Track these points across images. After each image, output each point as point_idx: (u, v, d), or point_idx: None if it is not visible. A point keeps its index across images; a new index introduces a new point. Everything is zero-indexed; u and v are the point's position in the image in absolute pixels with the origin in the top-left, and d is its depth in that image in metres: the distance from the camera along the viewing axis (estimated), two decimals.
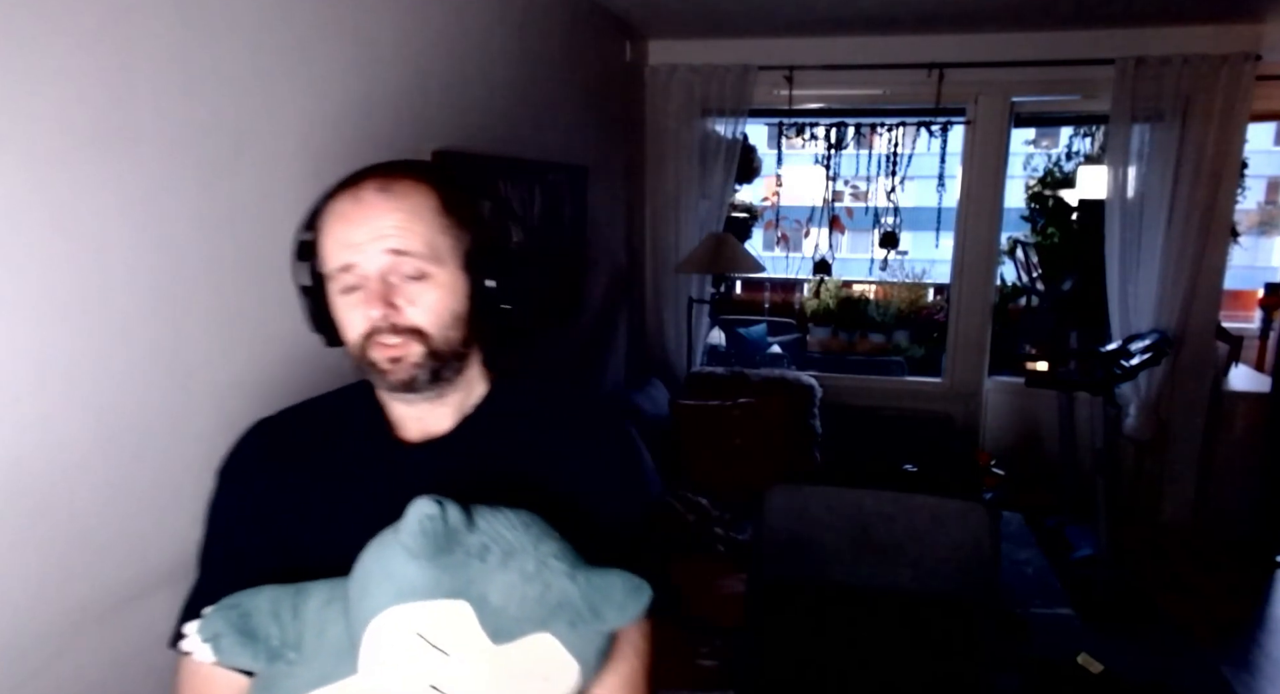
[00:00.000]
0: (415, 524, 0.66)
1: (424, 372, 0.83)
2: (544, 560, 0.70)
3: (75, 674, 1.24)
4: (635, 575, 0.71)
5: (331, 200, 0.84)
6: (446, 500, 0.68)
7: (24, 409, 1.13)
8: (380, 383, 0.84)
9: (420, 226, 0.81)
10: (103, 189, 1.21)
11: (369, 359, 0.83)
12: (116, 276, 1.25)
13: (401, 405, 0.89)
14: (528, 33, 2.71)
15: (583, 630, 0.71)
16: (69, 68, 1.15)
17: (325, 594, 0.76)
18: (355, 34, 1.80)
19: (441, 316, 0.83)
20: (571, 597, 0.70)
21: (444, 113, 2.20)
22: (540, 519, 0.74)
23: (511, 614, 0.68)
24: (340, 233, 0.81)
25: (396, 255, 0.80)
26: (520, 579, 0.69)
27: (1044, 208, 5.53)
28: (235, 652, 0.73)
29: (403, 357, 0.82)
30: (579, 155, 3.19)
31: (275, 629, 0.74)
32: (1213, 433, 3.82)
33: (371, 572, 0.70)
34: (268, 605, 0.75)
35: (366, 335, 0.82)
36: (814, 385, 3.80)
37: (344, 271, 0.81)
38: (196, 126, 1.38)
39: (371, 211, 0.81)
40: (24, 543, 1.14)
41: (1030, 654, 2.24)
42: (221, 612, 0.75)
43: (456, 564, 0.68)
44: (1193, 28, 3.49)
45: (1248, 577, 3.48)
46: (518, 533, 0.71)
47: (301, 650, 0.74)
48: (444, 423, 0.89)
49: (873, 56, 3.81)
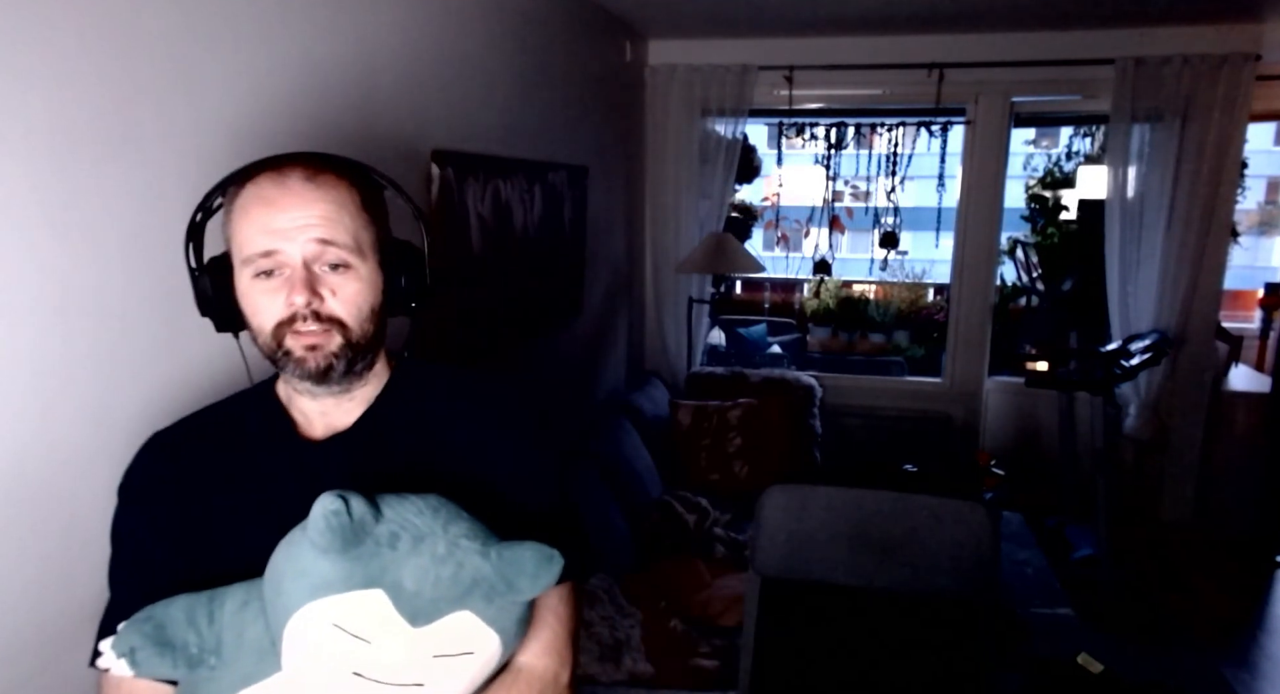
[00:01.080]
0: (321, 520, 0.68)
1: (341, 362, 0.83)
2: (455, 541, 0.72)
3: (75, 674, 1.24)
4: (545, 545, 0.72)
5: (249, 183, 0.83)
6: (350, 493, 0.69)
7: (24, 409, 1.13)
8: (293, 372, 0.83)
9: (346, 218, 0.82)
10: (103, 189, 1.21)
11: (283, 347, 0.82)
12: (115, 277, 1.25)
13: (306, 401, 0.88)
14: (528, 33, 2.71)
15: (499, 603, 0.73)
16: (69, 68, 1.15)
17: (241, 597, 0.77)
18: (355, 34, 1.80)
19: (361, 309, 0.84)
20: (485, 573, 0.71)
21: (444, 113, 2.20)
22: (449, 502, 0.75)
23: (427, 596, 0.70)
24: (263, 218, 0.80)
25: (322, 245, 0.80)
26: (432, 562, 0.70)
27: (1044, 208, 5.53)
28: (153, 663, 0.75)
29: (321, 345, 0.82)
30: (579, 155, 3.19)
31: (193, 636, 0.75)
32: (1213, 433, 3.82)
33: (284, 570, 0.72)
34: (182, 614, 0.76)
35: (284, 322, 0.81)
36: (814, 385, 3.80)
37: (264, 257, 0.80)
38: (196, 126, 1.38)
39: (299, 199, 0.80)
40: (24, 543, 1.14)
41: (1030, 654, 2.24)
42: (135, 625, 0.76)
43: (367, 554, 0.69)
44: (1193, 28, 3.50)
45: (1248, 577, 3.48)
46: (426, 517, 0.72)
47: (221, 654, 0.76)
48: (349, 416, 0.89)
49: (873, 56, 3.82)
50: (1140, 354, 3.31)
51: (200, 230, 0.89)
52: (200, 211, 0.89)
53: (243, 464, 0.88)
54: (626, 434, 3.15)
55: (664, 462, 3.34)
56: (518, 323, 2.73)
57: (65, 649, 1.21)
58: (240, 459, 0.88)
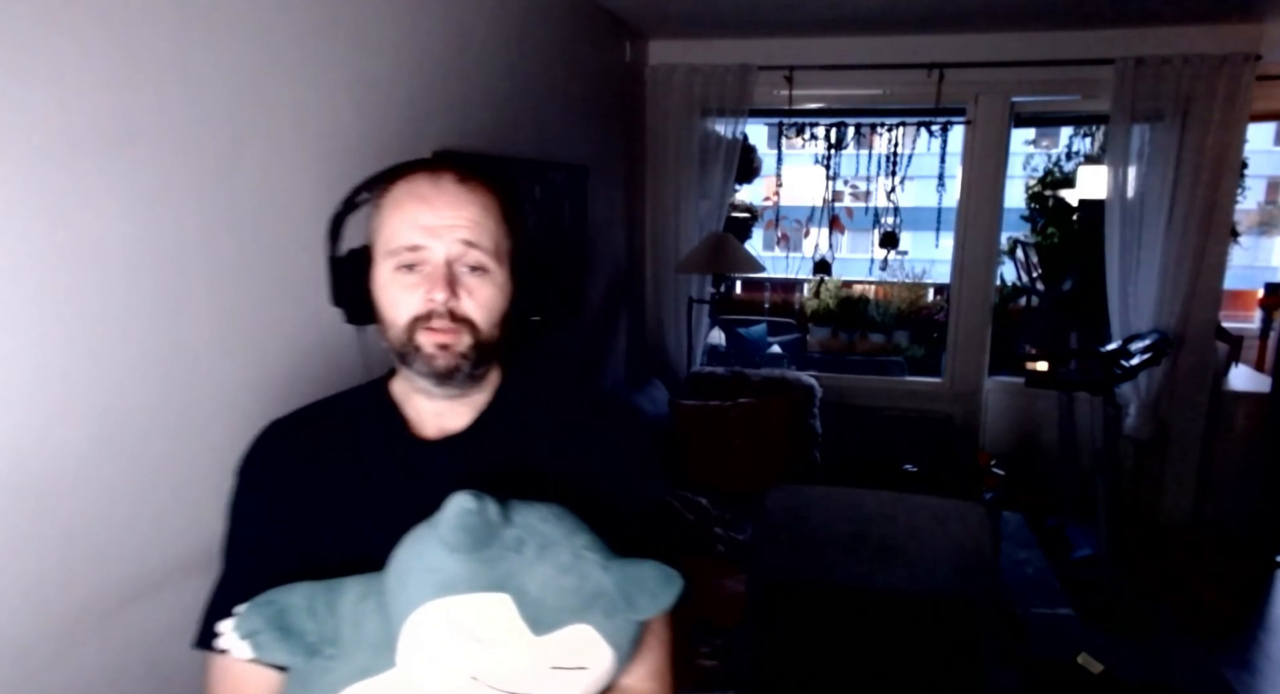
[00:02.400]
0: (454, 518, 0.67)
1: (467, 363, 0.84)
2: (578, 552, 0.71)
3: (75, 674, 1.24)
4: (666, 566, 0.72)
5: (402, 180, 0.85)
6: (484, 495, 0.69)
7: (24, 409, 1.13)
8: (420, 368, 0.84)
9: (490, 224, 0.84)
10: (103, 189, 1.21)
11: (414, 342, 0.83)
12: (116, 276, 1.25)
13: (421, 401, 0.89)
14: (528, 33, 2.71)
15: (618, 620, 0.72)
16: (69, 68, 1.15)
17: (359, 589, 0.77)
18: (355, 34, 1.80)
19: (492, 313, 0.85)
20: (606, 587, 0.71)
21: (444, 113, 2.20)
22: (569, 512, 0.75)
23: (550, 605, 0.69)
24: (415, 213, 0.82)
25: (466, 246, 0.82)
26: (557, 571, 0.70)
27: (1044, 208, 5.53)
28: (274, 648, 0.74)
29: (452, 344, 0.83)
30: (579, 155, 3.19)
31: (312, 625, 0.75)
32: (1213, 433, 3.82)
33: (410, 566, 0.71)
34: (303, 601, 0.76)
35: (419, 318, 0.83)
36: (814, 385, 3.80)
37: (410, 251, 0.82)
38: (196, 126, 1.38)
39: (452, 199, 0.83)
40: (24, 543, 1.14)
41: (1030, 654, 2.24)
42: (258, 608, 0.75)
43: (495, 557, 0.69)
44: (1193, 28, 3.50)
45: (1248, 577, 3.48)
46: (551, 525, 0.72)
47: (339, 645, 0.75)
48: (462, 420, 0.90)
49: (873, 56, 3.82)
50: (1140, 354, 3.31)
51: (342, 222, 0.90)
52: (345, 205, 0.90)
53: (353, 458, 0.89)
54: None
55: (664, 462, 3.33)
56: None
57: (65, 649, 1.21)
58: (351, 453, 0.89)
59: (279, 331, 1.60)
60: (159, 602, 1.36)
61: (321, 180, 1.66)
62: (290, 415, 0.94)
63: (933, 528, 1.67)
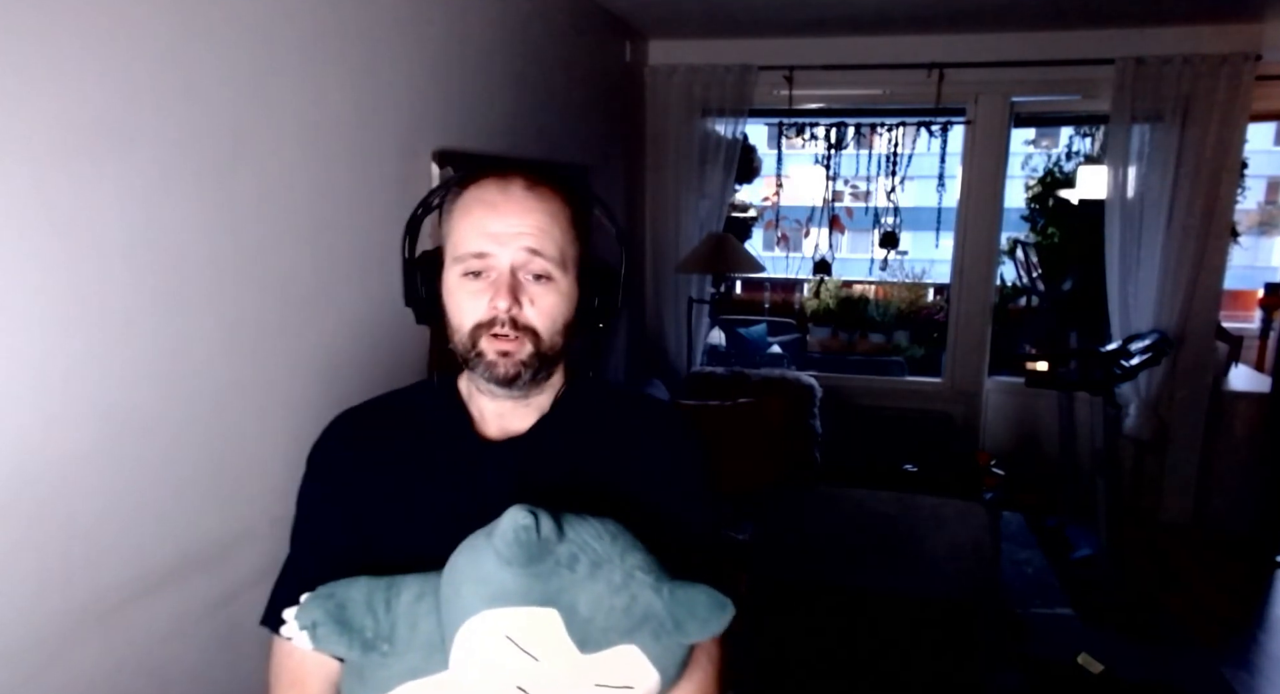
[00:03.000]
0: (510, 532, 0.68)
1: (528, 371, 0.85)
2: (630, 572, 0.72)
3: (75, 674, 1.24)
4: (717, 591, 0.72)
5: (472, 186, 0.86)
6: (540, 510, 0.69)
7: (24, 409, 1.13)
8: (482, 373, 0.85)
9: (556, 232, 0.85)
10: (103, 189, 1.21)
11: (477, 348, 0.85)
12: (116, 276, 1.25)
13: (486, 402, 0.91)
14: (528, 33, 2.71)
15: (666, 643, 0.72)
16: (69, 68, 1.15)
17: (417, 589, 0.78)
18: (355, 34, 1.80)
19: (555, 321, 0.86)
20: (656, 609, 0.71)
21: (444, 113, 2.20)
22: (625, 530, 0.75)
23: (599, 624, 0.70)
24: (483, 220, 0.83)
25: (531, 254, 0.83)
26: (608, 590, 0.71)
27: (1044, 208, 5.53)
28: (331, 640, 0.76)
29: (513, 352, 0.84)
30: (579, 155, 3.19)
31: (369, 621, 0.76)
32: (1213, 433, 3.82)
33: (465, 574, 0.72)
34: (362, 597, 0.77)
35: (482, 324, 0.84)
36: (814, 385, 3.80)
37: (476, 258, 0.83)
38: (196, 127, 1.38)
39: (519, 207, 0.84)
40: (24, 543, 1.14)
41: (1030, 654, 2.24)
42: (319, 601, 0.77)
43: (547, 573, 0.70)
44: (1193, 28, 3.49)
45: (1248, 577, 3.48)
46: (605, 543, 0.72)
47: (394, 643, 0.76)
48: (524, 422, 0.91)
49: (873, 56, 3.81)
50: (1140, 354, 3.31)
51: (419, 224, 0.92)
52: (422, 207, 0.92)
53: (418, 453, 0.90)
54: None
55: None
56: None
57: (67, 649, 1.21)
58: (416, 448, 0.91)
59: (279, 331, 1.59)
60: (159, 602, 1.36)
61: (321, 180, 1.66)
62: (360, 406, 0.96)
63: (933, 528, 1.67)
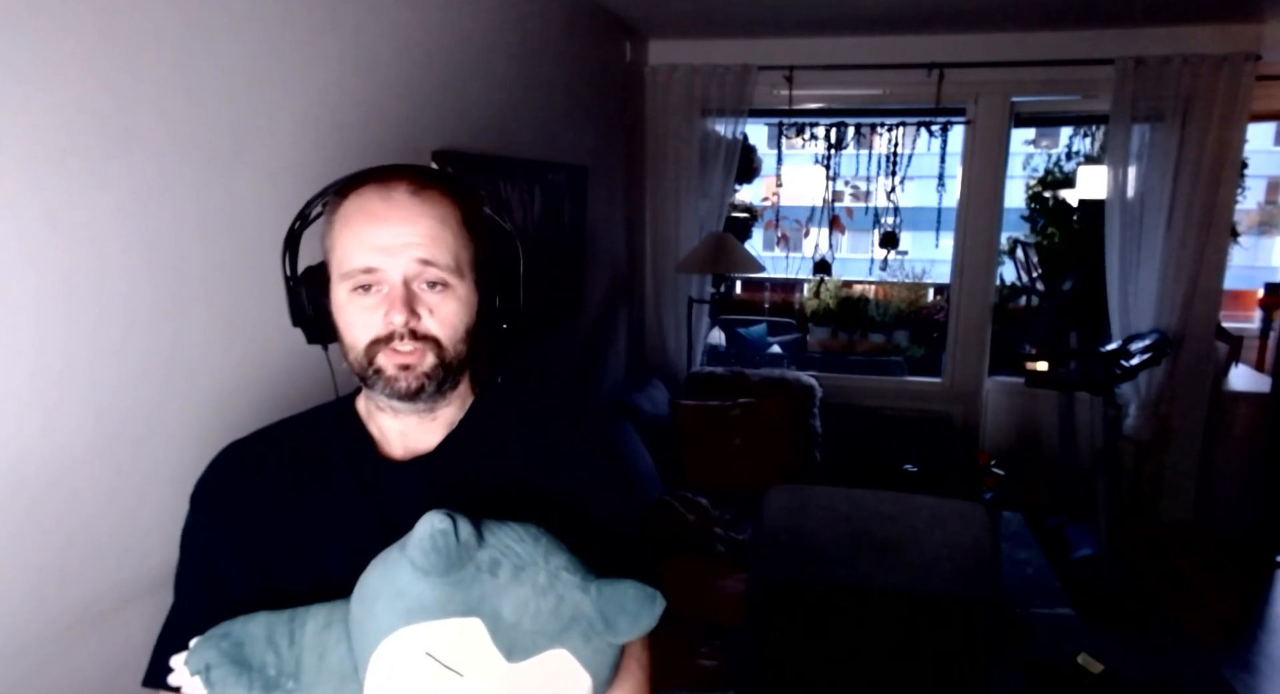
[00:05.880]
0: (427, 539, 0.64)
1: (432, 383, 0.81)
2: (555, 573, 0.69)
3: (74, 674, 1.24)
4: (646, 585, 0.69)
5: (353, 194, 0.81)
6: (458, 514, 0.65)
7: (23, 409, 1.13)
8: (383, 390, 0.81)
9: (448, 236, 0.80)
10: (103, 189, 1.21)
11: (375, 365, 0.80)
12: (116, 276, 1.25)
13: (387, 419, 0.86)
14: (528, 33, 2.71)
15: (596, 643, 0.69)
16: (69, 68, 1.15)
17: (324, 617, 0.73)
18: (355, 34, 1.80)
19: (456, 328, 0.82)
20: (584, 609, 0.68)
21: (444, 113, 2.20)
22: (546, 531, 0.72)
23: (525, 629, 0.66)
24: (367, 232, 0.79)
25: (424, 265, 0.79)
26: (533, 593, 0.67)
27: (1044, 208, 5.53)
28: (229, 683, 0.70)
29: (414, 365, 0.80)
30: (579, 155, 3.19)
31: (271, 657, 0.71)
32: (1213, 433, 3.82)
33: (379, 591, 0.68)
34: (262, 632, 0.72)
35: (379, 340, 0.80)
36: (814, 385, 3.80)
37: (365, 273, 0.79)
38: (196, 126, 1.38)
39: (405, 214, 0.79)
40: (24, 543, 1.14)
41: (1030, 654, 2.24)
42: (212, 641, 0.72)
43: (468, 580, 0.66)
44: (1193, 28, 3.49)
45: (1248, 577, 3.48)
46: (527, 546, 0.69)
47: (300, 678, 0.72)
48: (431, 438, 0.87)
49: (873, 56, 3.81)
50: (1140, 354, 3.31)
51: (297, 239, 0.87)
52: (299, 220, 0.87)
53: (318, 480, 0.86)
54: (626, 434, 3.15)
55: (664, 462, 3.34)
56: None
57: (65, 649, 1.21)
58: (316, 475, 0.86)
59: (279, 331, 1.59)
60: (159, 602, 1.35)
61: (322, 181, 1.65)
62: (249, 437, 0.90)
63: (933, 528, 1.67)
